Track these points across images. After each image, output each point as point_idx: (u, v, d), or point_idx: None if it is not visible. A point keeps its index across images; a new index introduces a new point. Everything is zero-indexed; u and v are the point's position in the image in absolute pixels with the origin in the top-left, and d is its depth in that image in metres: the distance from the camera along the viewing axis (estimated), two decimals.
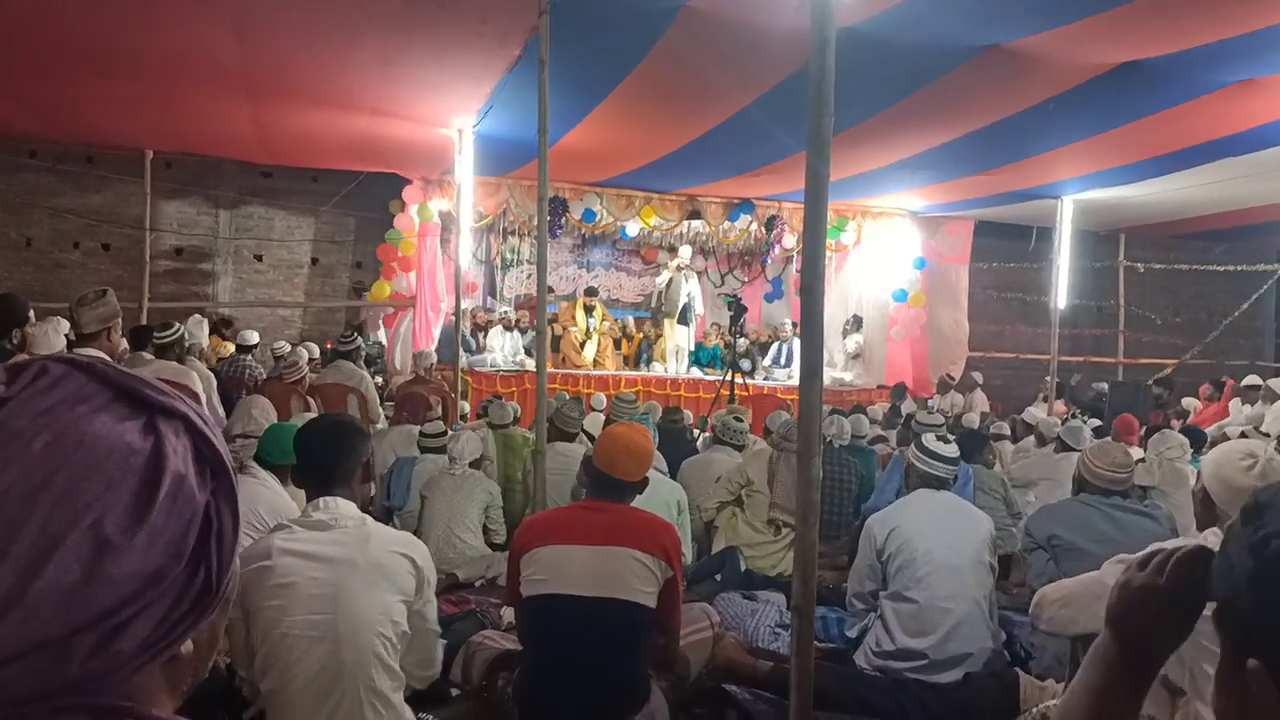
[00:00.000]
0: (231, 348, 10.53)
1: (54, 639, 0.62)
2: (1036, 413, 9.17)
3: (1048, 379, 12.51)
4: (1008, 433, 8.72)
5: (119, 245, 12.61)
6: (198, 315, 11.22)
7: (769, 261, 14.81)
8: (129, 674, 0.65)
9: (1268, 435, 8.27)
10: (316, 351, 10.24)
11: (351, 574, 2.47)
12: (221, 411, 7.06)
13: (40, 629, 0.61)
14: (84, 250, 12.79)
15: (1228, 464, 2.70)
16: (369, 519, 2.63)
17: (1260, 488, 0.86)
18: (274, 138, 10.14)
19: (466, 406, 9.40)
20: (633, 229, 13.34)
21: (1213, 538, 2.60)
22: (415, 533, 5.12)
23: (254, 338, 10.34)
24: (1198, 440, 7.16)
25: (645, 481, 3.28)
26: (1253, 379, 10.85)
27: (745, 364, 12.72)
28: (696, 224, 13.30)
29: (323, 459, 2.61)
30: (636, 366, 13.49)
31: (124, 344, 5.94)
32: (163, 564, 0.66)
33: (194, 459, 0.71)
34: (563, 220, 12.41)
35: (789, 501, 5.28)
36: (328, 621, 2.44)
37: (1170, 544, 2.66)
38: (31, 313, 4.77)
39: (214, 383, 7.24)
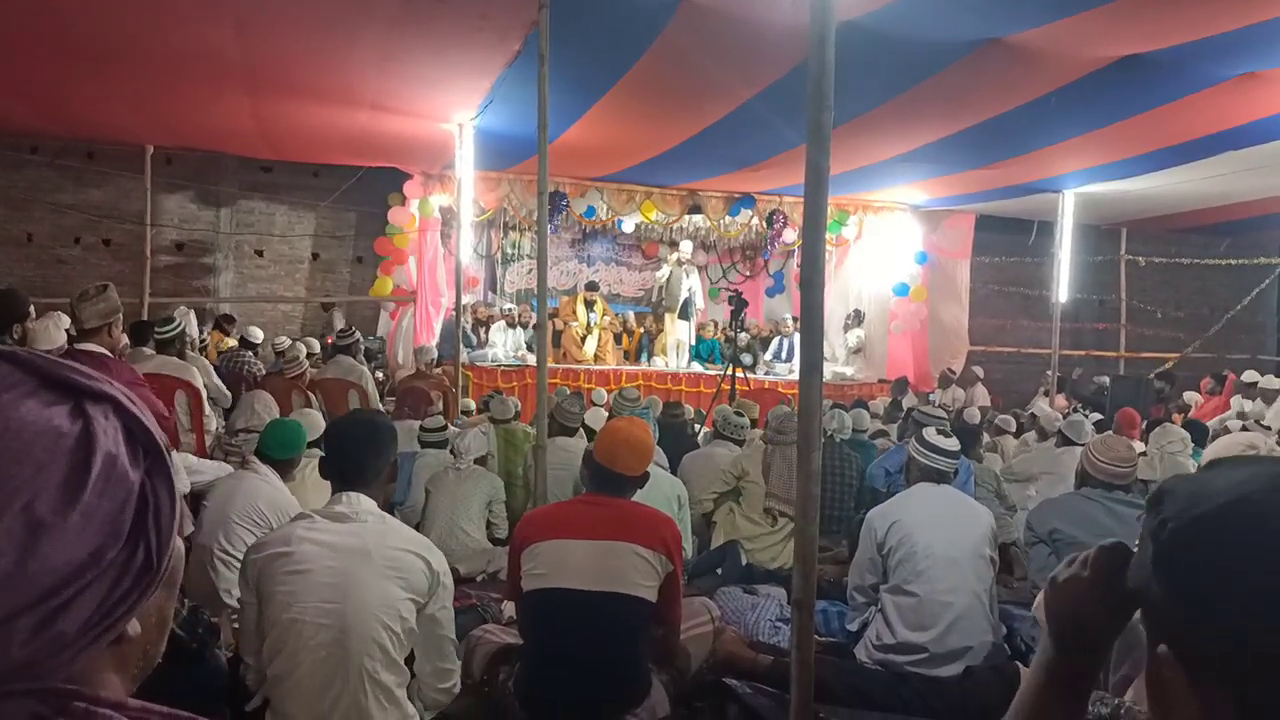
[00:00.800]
0: (231, 343, 10.54)
1: None
2: (1045, 407, 9.15)
3: (1049, 373, 12.51)
4: (1012, 427, 8.72)
5: (120, 240, 12.61)
6: (183, 307, 11.17)
7: (769, 256, 14.81)
8: (73, 656, 0.66)
9: (1269, 429, 8.27)
10: (316, 347, 10.25)
11: (363, 564, 2.51)
12: (226, 391, 7.09)
13: None
14: (85, 245, 12.79)
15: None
16: (389, 516, 2.68)
17: (1167, 477, 0.88)
18: (274, 133, 10.13)
19: (472, 403, 9.41)
20: (633, 224, 13.34)
21: None
22: (417, 526, 5.15)
23: (258, 334, 10.35)
24: (1200, 434, 7.15)
25: (646, 476, 3.28)
26: (1251, 375, 10.83)
27: (747, 359, 12.72)
28: (697, 218, 13.30)
29: (356, 458, 2.66)
30: (637, 361, 13.49)
31: (125, 339, 5.94)
32: (100, 544, 0.67)
33: (125, 440, 0.71)
34: (562, 213, 12.41)
35: (784, 490, 5.33)
36: (337, 610, 2.48)
37: None
38: (32, 308, 4.78)
39: (213, 373, 7.27)
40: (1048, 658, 1.06)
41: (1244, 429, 7.43)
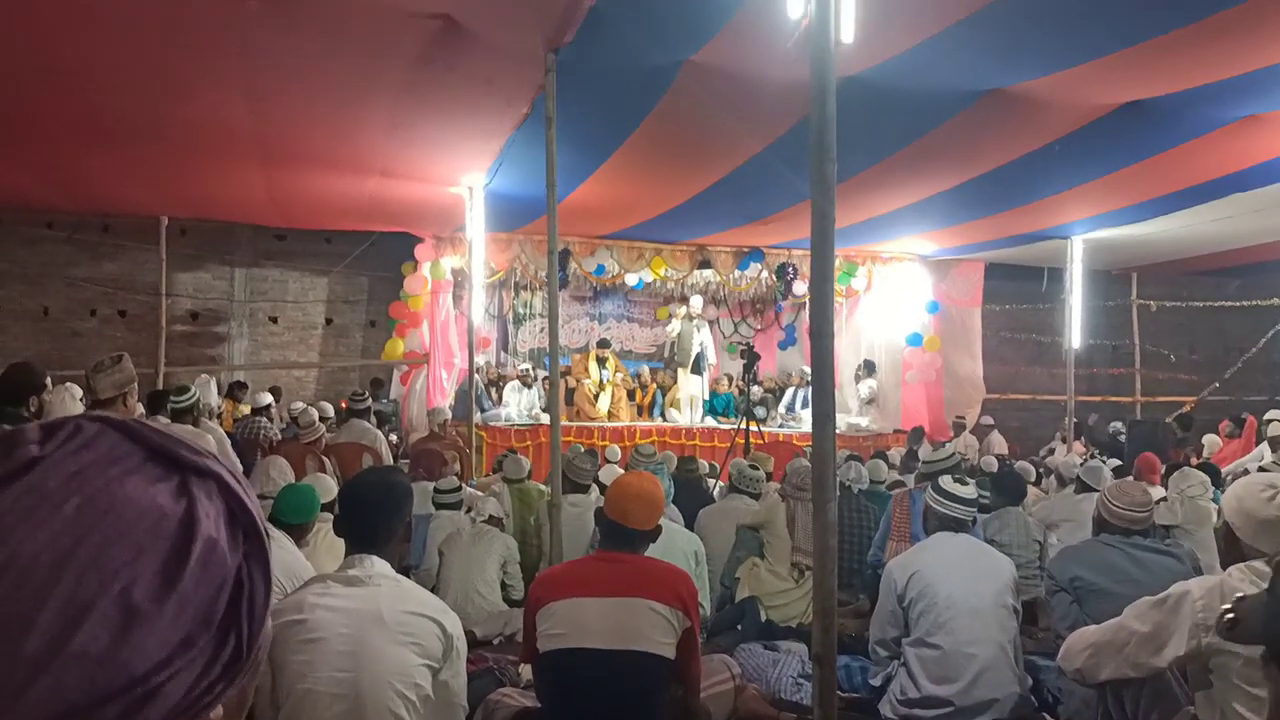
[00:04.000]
0: (246, 410, 10.59)
1: (80, 707, 0.60)
2: (1063, 455, 9.03)
3: (1065, 420, 12.43)
4: (1031, 476, 8.64)
5: (135, 311, 12.74)
6: (204, 375, 11.24)
7: (782, 309, 14.88)
8: None
9: None
10: (331, 411, 10.28)
11: (377, 630, 2.47)
12: (237, 464, 7.09)
13: (67, 697, 0.60)
14: (100, 317, 12.92)
15: (1249, 497, 2.69)
16: (403, 579, 2.62)
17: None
18: (287, 201, 10.26)
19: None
20: (643, 280, 13.42)
21: (1237, 574, 2.57)
22: (433, 589, 5.11)
23: (266, 399, 10.39)
24: (1214, 477, 7.05)
25: (658, 530, 3.25)
26: (1273, 414, 10.72)
27: (760, 411, 12.69)
28: (707, 273, 13.38)
29: (371, 519, 2.61)
30: (651, 417, 13.48)
31: (140, 409, 5.98)
32: (192, 631, 0.65)
33: (226, 522, 0.69)
34: (567, 271, 12.49)
35: (810, 544, 5.24)
36: (351, 680, 2.44)
37: (1192, 583, 2.61)
38: (49, 380, 4.81)
39: (227, 443, 7.28)
40: None
41: (1261, 469, 7.34)
